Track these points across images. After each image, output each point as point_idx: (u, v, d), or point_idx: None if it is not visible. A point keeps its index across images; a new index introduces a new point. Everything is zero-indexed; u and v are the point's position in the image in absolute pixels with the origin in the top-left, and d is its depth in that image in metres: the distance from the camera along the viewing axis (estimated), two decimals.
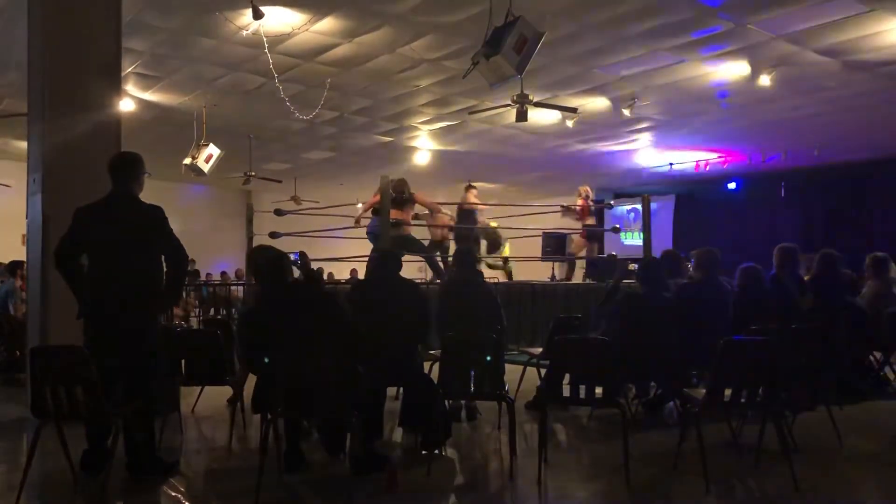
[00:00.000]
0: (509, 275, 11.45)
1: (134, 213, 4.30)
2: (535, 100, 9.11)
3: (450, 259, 9.99)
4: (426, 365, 5.59)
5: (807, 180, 16.69)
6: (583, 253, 11.73)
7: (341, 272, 15.01)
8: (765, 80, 9.62)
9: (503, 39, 5.88)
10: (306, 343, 4.08)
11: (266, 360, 4.28)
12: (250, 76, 10.10)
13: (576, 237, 11.81)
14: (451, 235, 10.68)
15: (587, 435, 5.52)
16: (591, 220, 11.66)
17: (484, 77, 6.32)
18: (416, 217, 10.10)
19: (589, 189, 11.83)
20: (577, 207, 11.46)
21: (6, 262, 9.79)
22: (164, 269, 4.38)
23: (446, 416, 4.93)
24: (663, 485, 4.27)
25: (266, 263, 4.51)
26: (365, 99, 11.26)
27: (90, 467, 4.17)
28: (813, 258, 6.54)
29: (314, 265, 7.18)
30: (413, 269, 12.01)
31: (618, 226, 12.47)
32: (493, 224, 11.36)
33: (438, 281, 9.47)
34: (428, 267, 10.96)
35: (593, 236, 11.86)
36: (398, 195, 9.24)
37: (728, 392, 4.10)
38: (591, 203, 11.63)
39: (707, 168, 15.85)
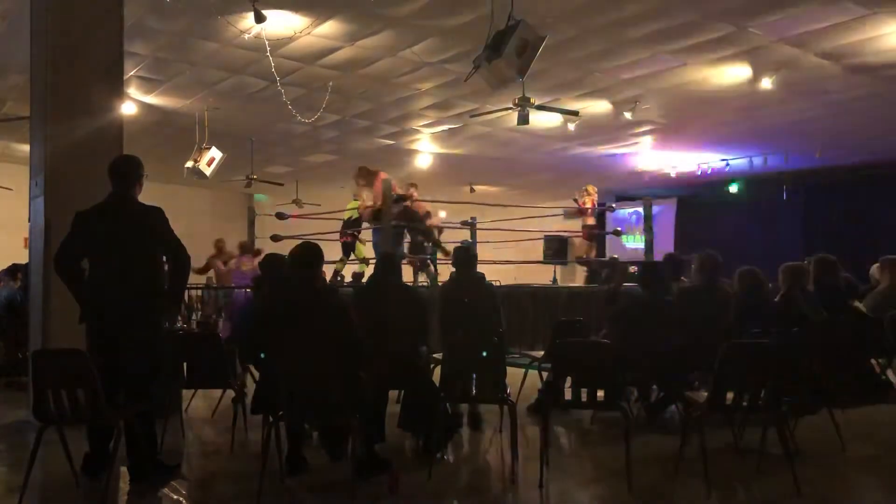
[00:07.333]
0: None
1: (134, 215, 4.31)
2: (537, 103, 9.09)
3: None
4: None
5: (809, 183, 16.68)
6: (591, 254, 11.68)
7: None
8: (766, 84, 9.63)
9: (505, 43, 5.88)
10: (310, 346, 4.08)
11: (262, 355, 4.26)
12: (252, 79, 10.12)
13: (577, 240, 11.77)
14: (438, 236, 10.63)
15: (589, 438, 5.52)
16: (591, 220, 11.61)
17: (485, 80, 6.32)
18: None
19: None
20: (588, 208, 11.43)
21: (7, 265, 9.79)
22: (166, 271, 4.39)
23: (448, 420, 4.93)
24: (665, 488, 4.26)
25: (303, 254, 4.31)
26: (366, 102, 11.27)
27: (92, 470, 4.18)
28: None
29: None
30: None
31: (619, 228, 12.47)
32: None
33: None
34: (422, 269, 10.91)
35: (594, 237, 11.78)
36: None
37: (730, 395, 4.10)
38: (595, 202, 11.61)
39: (709, 171, 15.84)
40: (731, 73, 9.59)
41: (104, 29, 5.99)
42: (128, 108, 10.05)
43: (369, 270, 10.27)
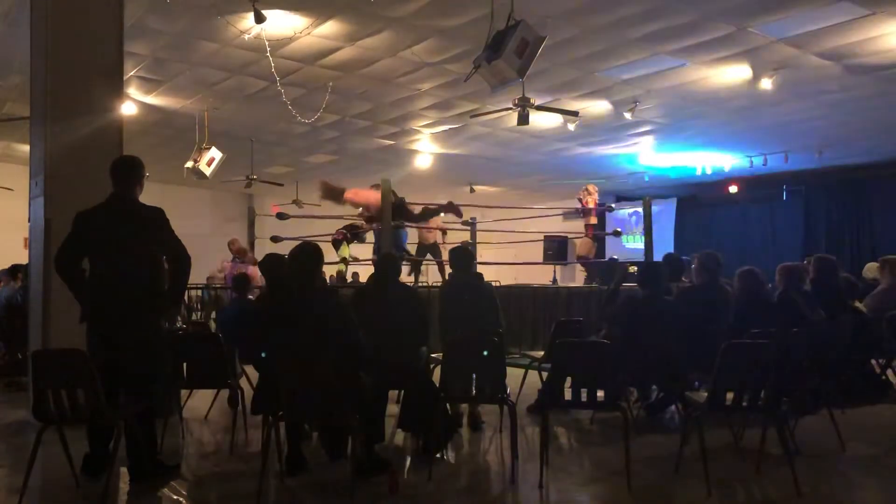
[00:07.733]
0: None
1: (135, 215, 4.31)
2: (537, 103, 9.11)
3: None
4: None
5: (809, 183, 16.68)
6: (592, 253, 11.71)
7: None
8: (766, 84, 9.63)
9: (505, 43, 5.89)
10: (309, 346, 4.08)
11: (263, 354, 4.24)
12: (252, 80, 10.12)
13: (579, 239, 11.79)
14: (441, 238, 10.65)
15: (589, 438, 5.52)
16: (594, 220, 11.68)
17: (485, 80, 6.33)
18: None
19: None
20: (592, 207, 11.46)
21: (7, 265, 9.79)
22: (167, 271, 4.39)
23: (448, 420, 4.93)
24: (665, 488, 4.26)
25: (303, 254, 4.33)
26: (366, 102, 11.27)
27: (92, 471, 4.17)
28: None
29: None
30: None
31: (619, 229, 12.46)
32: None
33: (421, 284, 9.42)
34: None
35: (596, 237, 11.83)
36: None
37: (730, 395, 4.10)
38: (596, 202, 11.68)
39: (709, 171, 15.83)
40: (731, 73, 9.59)
41: (104, 29, 5.98)
42: (128, 108, 10.07)
43: (364, 270, 10.25)
